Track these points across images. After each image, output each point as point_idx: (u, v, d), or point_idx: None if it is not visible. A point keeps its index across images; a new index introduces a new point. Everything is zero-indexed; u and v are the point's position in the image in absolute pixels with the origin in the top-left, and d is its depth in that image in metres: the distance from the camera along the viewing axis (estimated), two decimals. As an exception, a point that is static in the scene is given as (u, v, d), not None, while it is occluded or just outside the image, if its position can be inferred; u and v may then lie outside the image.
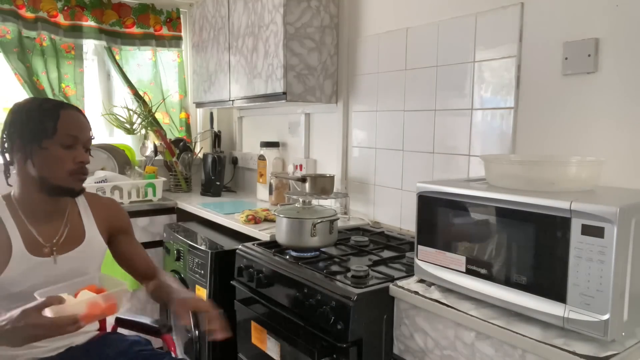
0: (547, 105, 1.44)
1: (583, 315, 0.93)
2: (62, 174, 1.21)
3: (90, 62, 3.01)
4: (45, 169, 1.20)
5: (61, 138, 1.20)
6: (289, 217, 1.61)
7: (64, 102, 1.28)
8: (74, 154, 1.22)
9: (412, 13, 1.87)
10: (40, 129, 1.18)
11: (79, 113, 1.27)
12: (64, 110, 1.23)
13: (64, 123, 1.21)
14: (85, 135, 1.25)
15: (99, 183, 2.52)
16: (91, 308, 1.08)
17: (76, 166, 1.22)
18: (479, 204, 1.13)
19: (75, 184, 1.24)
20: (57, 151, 1.20)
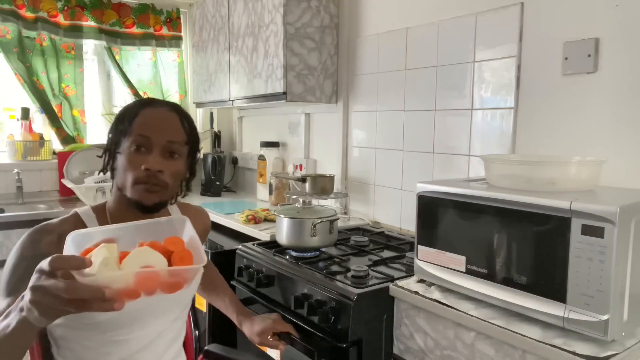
0: (547, 105, 1.44)
1: (583, 315, 0.93)
2: (129, 182, 0.99)
3: (90, 62, 3.01)
4: (118, 178, 1.02)
5: (133, 139, 0.99)
6: (289, 217, 1.61)
7: (160, 100, 1.06)
8: (144, 159, 0.98)
9: (412, 13, 1.87)
10: (120, 131, 1.02)
11: (169, 110, 1.04)
12: (146, 108, 1.02)
13: (139, 122, 1.00)
14: (162, 136, 0.99)
15: (99, 183, 2.52)
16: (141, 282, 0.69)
17: (142, 173, 0.97)
18: (479, 204, 1.13)
19: (141, 196, 0.99)
20: (129, 155, 0.99)
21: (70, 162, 2.72)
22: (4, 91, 2.83)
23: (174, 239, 0.77)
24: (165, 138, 1.00)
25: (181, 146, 1.02)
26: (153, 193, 0.99)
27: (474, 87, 1.64)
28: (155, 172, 0.98)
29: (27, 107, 2.77)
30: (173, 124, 1.02)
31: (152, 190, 0.99)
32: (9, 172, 2.65)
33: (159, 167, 0.98)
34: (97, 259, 0.68)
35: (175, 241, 0.76)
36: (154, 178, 0.98)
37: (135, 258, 0.71)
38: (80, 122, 2.96)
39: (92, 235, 0.77)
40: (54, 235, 0.96)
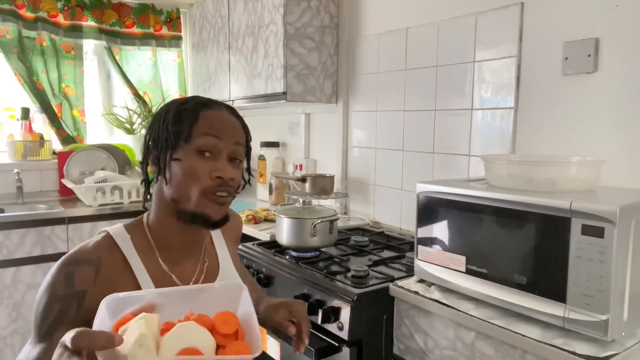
0: (547, 105, 1.44)
1: (583, 315, 0.93)
2: (194, 193, 0.85)
3: (90, 62, 3.01)
4: (176, 187, 0.86)
5: (197, 143, 0.85)
6: (289, 217, 1.61)
7: (214, 100, 0.93)
8: (213, 165, 0.85)
9: (412, 13, 1.87)
10: (175, 134, 0.86)
11: (229, 113, 0.92)
12: (207, 110, 0.89)
13: (203, 124, 0.87)
14: (229, 140, 0.88)
15: (99, 183, 2.52)
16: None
17: (213, 182, 0.85)
18: (479, 204, 1.13)
19: (210, 210, 0.86)
20: (191, 161, 0.85)
21: (70, 162, 2.72)
22: (4, 91, 2.83)
23: (226, 315, 0.62)
24: (233, 140, 0.89)
25: (243, 149, 0.92)
26: (223, 205, 0.88)
27: (474, 87, 1.64)
28: (227, 180, 0.86)
29: (27, 107, 2.77)
30: (237, 128, 0.91)
31: (223, 202, 0.87)
32: (9, 172, 2.65)
33: (231, 174, 0.86)
34: (132, 335, 0.56)
35: (227, 318, 0.62)
36: (226, 187, 0.86)
37: (177, 337, 0.58)
38: (80, 122, 2.96)
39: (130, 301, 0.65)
40: (90, 268, 0.82)
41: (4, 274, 2.25)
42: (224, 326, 0.61)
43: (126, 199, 2.57)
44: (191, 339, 0.58)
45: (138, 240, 0.89)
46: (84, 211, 2.44)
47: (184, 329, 0.59)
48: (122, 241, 0.88)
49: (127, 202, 2.57)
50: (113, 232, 0.89)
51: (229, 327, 0.62)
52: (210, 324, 0.61)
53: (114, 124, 3.05)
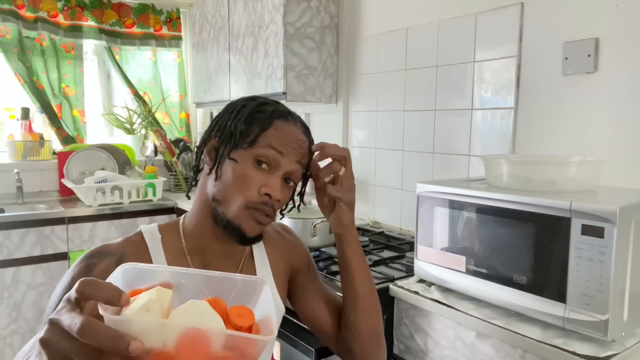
0: (547, 105, 1.44)
1: (583, 315, 0.93)
2: (237, 201, 0.79)
3: (90, 62, 3.01)
4: (222, 188, 0.80)
5: (258, 151, 0.79)
6: (289, 217, 1.61)
7: (293, 113, 0.87)
8: (266, 180, 0.79)
9: (412, 13, 1.87)
10: (242, 133, 0.81)
11: (302, 131, 0.85)
12: (282, 121, 0.82)
13: (272, 134, 0.80)
14: (292, 159, 0.81)
15: (99, 183, 2.52)
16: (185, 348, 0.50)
17: (259, 198, 0.78)
18: (479, 204, 1.13)
19: (246, 225, 0.79)
20: (246, 167, 0.79)
21: (70, 162, 2.72)
22: (4, 91, 2.83)
23: (242, 309, 0.58)
24: (296, 160, 0.82)
25: (301, 172, 0.85)
26: (260, 224, 0.80)
27: (474, 87, 1.64)
28: (274, 200, 0.79)
29: (27, 107, 2.77)
30: (305, 148, 0.84)
31: (262, 222, 0.80)
32: (9, 172, 2.65)
33: (279, 195, 0.79)
34: (140, 300, 0.52)
35: (243, 312, 0.57)
36: (270, 208, 0.80)
37: (187, 312, 0.53)
38: (80, 122, 2.96)
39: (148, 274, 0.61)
40: (111, 259, 0.79)
41: (4, 274, 2.25)
42: (239, 318, 0.57)
43: (126, 199, 2.57)
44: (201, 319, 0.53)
45: (169, 241, 0.85)
46: (84, 211, 2.44)
47: (195, 307, 0.53)
48: (152, 240, 0.84)
49: (127, 202, 2.57)
50: (145, 229, 0.86)
51: (244, 320, 0.57)
52: (224, 312, 0.56)
53: (114, 124, 3.05)
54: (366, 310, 0.88)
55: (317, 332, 0.96)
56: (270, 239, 0.96)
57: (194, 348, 0.49)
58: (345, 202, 0.86)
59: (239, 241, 0.80)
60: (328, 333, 0.94)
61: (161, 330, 0.49)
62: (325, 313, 0.95)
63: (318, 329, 0.95)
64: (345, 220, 0.86)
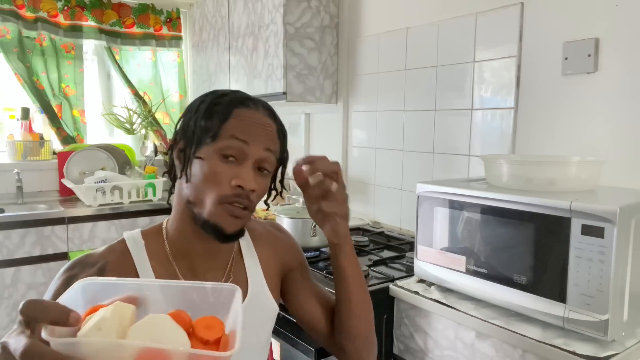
0: (547, 105, 1.44)
1: (583, 315, 0.93)
2: (209, 199, 0.76)
3: (90, 62, 3.01)
4: (194, 188, 0.78)
5: (221, 144, 0.76)
6: (289, 217, 1.61)
7: (253, 98, 0.84)
8: (236, 172, 0.76)
9: (412, 13, 1.87)
10: (203, 129, 0.78)
11: (265, 114, 0.82)
12: (241, 109, 0.79)
13: (233, 125, 0.77)
14: (259, 146, 0.78)
15: (99, 183, 2.52)
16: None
17: (231, 191, 0.75)
18: (479, 204, 1.13)
19: (223, 221, 0.75)
20: (213, 163, 0.76)
21: (70, 162, 2.72)
22: (4, 91, 2.83)
23: (211, 320, 0.53)
24: (263, 146, 0.78)
25: (274, 159, 0.82)
26: (238, 219, 0.77)
27: (474, 87, 1.64)
28: (247, 191, 0.75)
29: (27, 107, 2.77)
30: (272, 132, 0.81)
31: (239, 215, 0.76)
32: (9, 172, 2.65)
33: (253, 184, 0.76)
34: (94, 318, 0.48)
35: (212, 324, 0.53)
36: (245, 199, 0.76)
37: (146, 328, 0.49)
38: (80, 122, 2.96)
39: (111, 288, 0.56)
40: (93, 269, 0.76)
41: (4, 274, 2.25)
42: (206, 331, 0.52)
43: (126, 199, 2.57)
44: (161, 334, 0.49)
45: (153, 246, 0.82)
46: (84, 211, 2.44)
47: (154, 322, 0.50)
48: (135, 246, 0.81)
49: (127, 202, 2.57)
50: (127, 236, 0.83)
51: (211, 333, 0.53)
52: (189, 325, 0.52)
53: (114, 124, 3.05)
54: (360, 314, 0.88)
55: (310, 330, 0.95)
56: (260, 237, 0.93)
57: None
58: (340, 216, 0.84)
59: (219, 239, 0.77)
60: (321, 331, 0.93)
61: (116, 351, 0.45)
62: (319, 312, 0.94)
63: (311, 328, 0.95)
64: (341, 231, 0.85)
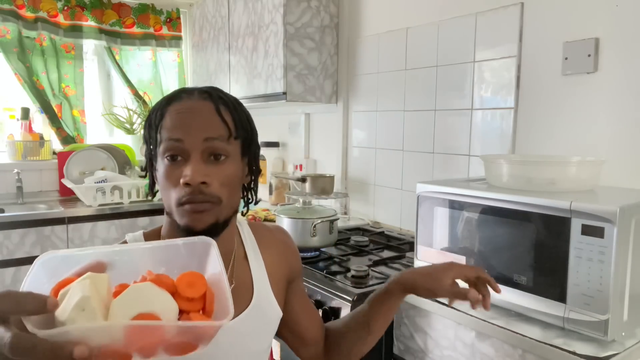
0: (547, 105, 1.44)
1: (583, 315, 0.93)
2: (172, 205, 0.74)
3: (90, 62, 3.01)
4: (163, 199, 0.77)
5: (164, 148, 0.74)
6: (289, 217, 1.61)
7: (188, 88, 0.79)
8: (182, 171, 0.72)
9: (412, 13, 1.87)
10: (150, 142, 0.78)
11: (197, 100, 0.76)
12: (172, 105, 0.76)
13: (166, 125, 0.74)
14: (196, 136, 0.73)
15: (99, 183, 2.52)
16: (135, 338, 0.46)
17: (181, 191, 0.72)
18: (479, 204, 1.13)
19: (189, 220, 0.73)
20: (164, 169, 0.74)
21: (70, 162, 2.72)
22: (4, 91, 2.83)
23: (191, 276, 0.52)
24: (201, 136, 0.73)
25: (225, 142, 0.75)
26: (203, 213, 0.73)
27: (474, 87, 1.64)
28: (197, 185, 0.71)
29: (27, 107, 2.77)
30: (208, 117, 0.74)
31: (201, 210, 0.72)
32: (9, 172, 2.65)
33: (201, 177, 0.71)
34: (73, 297, 0.46)
35: (193, 280, 0.52)
36: (199, 194, 0.72)
37: (130, 301, 0.47)
38: (80, 122, 2.96)
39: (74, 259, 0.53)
40: None
41: (4, 274, 2.25)
42: (189, 289, 0.51)
43: (126, 199, 2.57)
44: (148, 303, 0.47)
45: None
46: (84, 211, 2.44)
47: (139, 291, 0.48)
48: None
49: (127, 202, 2.57)
50: (129, 239, 0.82)
51: (195, 290, 0.51)
52: (172, 287, 0.51)
53: (114, 124, 3.05)
54: (368, 345, 0.94)
55: (293, 338, 0.97)
56: (268, 243, 0.92)
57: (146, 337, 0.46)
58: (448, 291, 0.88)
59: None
60: (305, 342, 0.96)
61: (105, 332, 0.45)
62: (309, 324, 0.97)
63: (296, 336, 0.96)
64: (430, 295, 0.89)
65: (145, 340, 0.46)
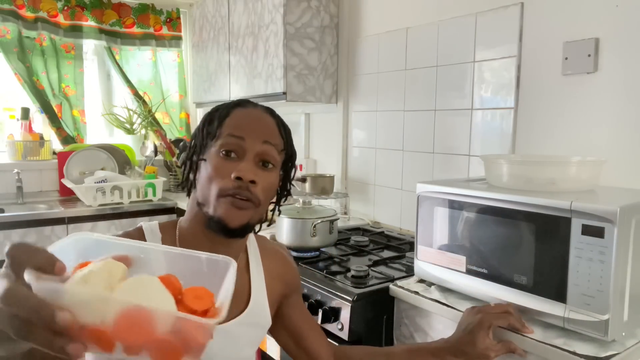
0: (547, 105, 1.44)
1: (583, 315, 0.93)
2: (211, 195, 0.78)
3: (90, 62, 3.01)
4: (200, 188, 0.81)
5: (222, 141, 0.80)
6: (289, 217, 1.61)
7: (252, 101, 0.88)
8: (235, 166, 0.78)
9: (412, 13, 1.87)
10: (206, 135, 0.83)
11: (263, 111, 0.86)
12: (238, 108, 0.84)
13: (230, 122, 0.81)
14: (257, 139, 0.80)
15: (99, 183, 2.52)
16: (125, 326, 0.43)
17: (231, 184, 0.77)
18: (479, 204, 1.13)
19: (227, 213, 0.77)
20: (215, 161, 0.79)
21: (70, 162, 2.72)
22: (4, 91, 2.83)
23: (201, 291, 0.51)
24: (261, 139, 0.80)
25: (277, 153, 0.83)
26: (241, 210, 0.77)
27: (474, 87, 1.64)
28: (247, 182, 0.77)
29: (27, 107, 2.77)
30: (270, 126, 0.83)
31: (241, 207, 0.77)
32: (9, 172, 2.65)
33: (252, 176, 0.77)
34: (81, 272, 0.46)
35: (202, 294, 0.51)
36: (246, 191, 0.77)
37: (133, 288, 0.46)
38: (80, 122, 2.96)
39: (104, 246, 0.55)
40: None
41: (4, 274, 2.25)
42: (195, 301, 0.50)
43: (126, 199, 2.57)
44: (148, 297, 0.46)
45: (168, 240, 0.83)
46: (84, 211, 2.44)
47: (144, 283, 0.48)
48: (152, 237, 0.83)
49: (127, 202, 2.57)
50: (146, 226, 0.85)
51: (200, 303, 0.51)
52: (178, 292, 0.50)
53: (114, 124, 3.05)
54: None
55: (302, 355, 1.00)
56: (270, 255, 0.96)
57: (135, 328, 0.44)
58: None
59: (225, 233, 0.78)
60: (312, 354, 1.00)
61: (100, 305, 0.43)
62: (314, 338, 1.01)
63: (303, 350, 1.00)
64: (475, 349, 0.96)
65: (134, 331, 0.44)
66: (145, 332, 0.44)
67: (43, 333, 0.41)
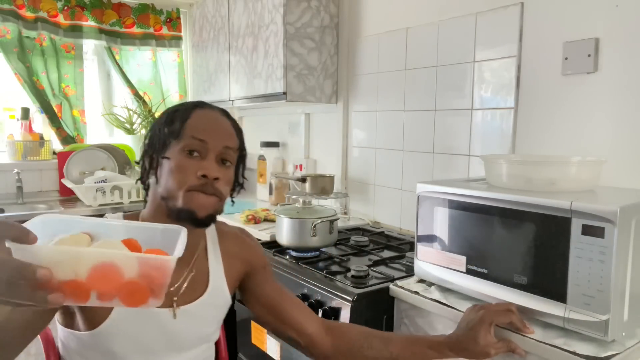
0: (547, 105, 1.44)
1: (583, 315, 0.93)
2: (181, 190, 0.87)
3: (90, 62, 3.01)
4: (164, 185, 0.89)
5: (185, 142, 0.88)
6: (289, 217, 1.61)
7: (207, 102, 0.97)
8: (199, 165, 0.88)
9: (412, 13, 1.87)
10: (168, 134, 0.90)
11: (222, 114, 0.95)
12: (199, 110, 0.92)
13: (192, 124, 0.90)
14: (218, 141, 0.90)
15: (98, 183, 2.52)
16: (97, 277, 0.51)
17: (197, 181, 0.87)
18: (479, 204, 1.13)
19: (196, 205, 0.87)
20: (179, 159, 0.88)
21: (70, 162, 2.72)
22: (4, 91, 2.83)
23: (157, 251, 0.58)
24: (222, 143, 0.90)
25: (234, 153, 0.94)
26: (209, 202, 0.88)
27: (474, 87, 1.64)
28: (212, 179, 0.88)
29: (27, 107, 2.77)
30: (228, 129, 0.93)
31: (208, 200, 0.88)
32: (9, 172, 2.65)
33: (216, 174, 0.88)
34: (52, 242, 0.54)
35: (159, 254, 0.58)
36: (211, 187, 0.88)
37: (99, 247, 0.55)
38: (80, 122, 2.96)
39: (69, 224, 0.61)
40: None
41: (4, 274, 2.25)
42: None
43: (126, 199, 2.57)
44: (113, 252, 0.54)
45: None
46: (84, 211, 2.44)
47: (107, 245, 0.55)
48: None
49: (127, 202, 2.57)
50: (110, 217, 0.94)
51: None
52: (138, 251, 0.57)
53: (114, 124, 3.05)
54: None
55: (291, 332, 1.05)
56: (227, 238, 1.05)
57: (106, 276, 0.51)
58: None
59: (194, 224, 0.88)
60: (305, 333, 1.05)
61: (73, 261, 0.50)
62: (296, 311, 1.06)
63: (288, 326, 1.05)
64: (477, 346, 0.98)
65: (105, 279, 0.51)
66: (114, 279, 0.52)
67: (26, 289, 0.47)
